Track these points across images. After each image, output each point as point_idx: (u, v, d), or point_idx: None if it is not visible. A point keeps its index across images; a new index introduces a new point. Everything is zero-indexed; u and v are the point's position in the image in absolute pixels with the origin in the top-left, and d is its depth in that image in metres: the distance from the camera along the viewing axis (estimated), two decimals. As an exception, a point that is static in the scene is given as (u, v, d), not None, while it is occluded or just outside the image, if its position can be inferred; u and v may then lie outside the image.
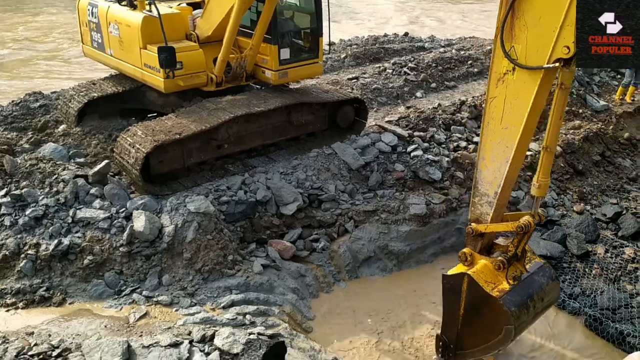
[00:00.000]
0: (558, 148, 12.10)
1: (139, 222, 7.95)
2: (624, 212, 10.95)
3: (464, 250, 6.44)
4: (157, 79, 9.29)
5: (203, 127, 8.85)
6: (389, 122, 11.66)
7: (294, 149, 10.58)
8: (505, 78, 5.58)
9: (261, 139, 10.15)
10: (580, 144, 12.59)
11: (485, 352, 6.38)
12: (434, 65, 15.07)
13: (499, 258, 6.16)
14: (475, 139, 11.93)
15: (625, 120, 14.20)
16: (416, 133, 11.43)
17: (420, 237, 9.88)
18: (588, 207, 11.33)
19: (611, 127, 13.70)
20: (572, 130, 12.98)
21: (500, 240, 6.57)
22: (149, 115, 10.64)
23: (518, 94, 5.53)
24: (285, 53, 10.05)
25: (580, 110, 13.95)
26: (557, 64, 5.10)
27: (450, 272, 6.46)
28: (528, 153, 11.78)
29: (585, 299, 8.60)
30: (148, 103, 10.69)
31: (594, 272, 9.25)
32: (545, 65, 5.15)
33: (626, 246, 9.88)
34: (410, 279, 9.35)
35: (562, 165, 12.04)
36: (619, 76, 16.47)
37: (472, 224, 6.39)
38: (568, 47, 4.93)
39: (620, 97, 15.05)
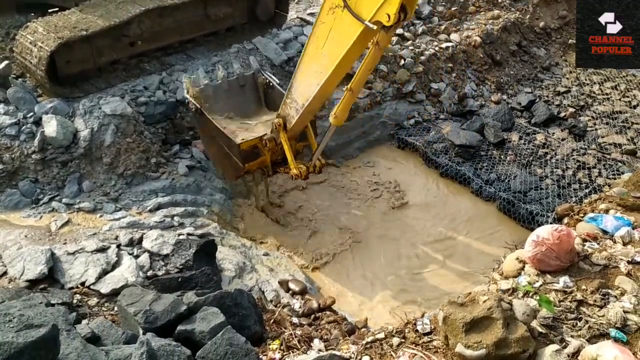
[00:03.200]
0: (477, 39, 12.27)
1: (50, 127, 7.48)
2: (537, 100, 11.45)
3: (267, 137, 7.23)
4: None
5: (112, 22, 8.19)
6: (312, 14, 11.26)
7: (213, 44, 10.07)
8: (336, 10, 5.56)
9: (177, 34, 9.56)
10: (498, 34, 12.79)
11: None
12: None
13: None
14: (398, 30, 11.82)
15: (542, 9, 14.47)
16: (339, 26, 11.14)
17: (346, 132, 9.95)
18: (505, 97, 11.75)
19: (528, 16, 13.94)
20: (492, 20, 13.11)
21: None
22: (49, 11, 9.67)
23: (341, 31, 5.59)
24: None
25: (499, 0, 14.03)
26: (375, 26, 5.17)
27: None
28: (449, 44, 11.90)
29: (500, 184, 9.12)
30: (47, -4, 9.70)
31: (508, 158, 9.77)
32: (366, 22, 5.22)
33: (538, 133, 10.43)
34: (337, 173, 9.53)
35: (481, 56, 12.26)
36: (537, -36, 16.53)
37: (277, 119, 7.03)
38: (389, 15, 4.99)
39: (538, -14, 15.20)
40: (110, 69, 8.82)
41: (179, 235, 6.84)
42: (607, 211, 5.94)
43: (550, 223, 7.44)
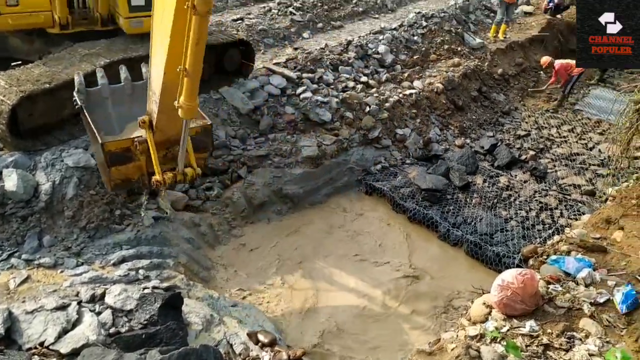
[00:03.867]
0: (439, 85, 12.65)
1: (11, 181, 7.33)
2: (499, 144, 11.78)
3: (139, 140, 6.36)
4: None
5: (75, 75, 8.15)
6: (277, 64, 11.49)
7: (180, 95, 10.11)
8: None
9: (143, 86, 9.57)
10: (459, 80, 13.22)
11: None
12: (319, 5, 14.93)
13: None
14: (363, 78, 12.13)
15: (499, 56, 15.08)
16: (305, 74, 11.39)
17: (313, 178, 10.03)
18: (468, 141, 12.05)
19: (486, 63, 14.49)
20: (452, 68, 13.57)
21: None
22: (12, 64, 9.61)
23: (165, 5, 5.13)
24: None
25: (459, 48, 14.57)
26: None
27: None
28: (412, 91, 12.25)
29: (467, 226, 9.24)
30: (9, 50, 9.63)
31: (474, 201, 9.93)
32: None
33: (501, 175, 10.68)
34: (305, 220, 9.53)
35: (443, 101, 12.62)
36: (492, 15, 17.34)
37: (144, 116, 6.22)
38: None
39: (494, 34, 15.90)
40: (74, 121, 8.71)
41: (144, 289, 6.68)
42: (568, 253, 6.06)
43: (517, 265, 7.55)
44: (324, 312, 7.55)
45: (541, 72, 15.35)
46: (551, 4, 17.56)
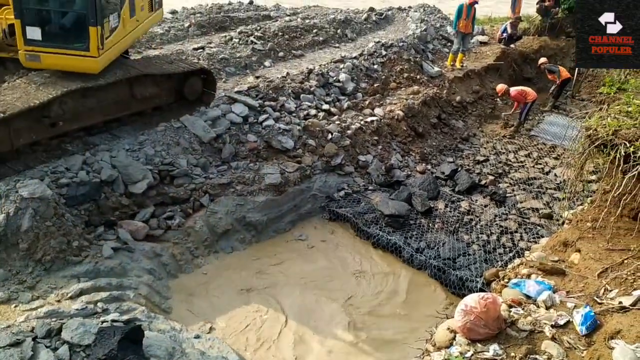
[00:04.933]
0: (400, 112, 12.88)
1: (-38, 213, 7.05)
2: (459, 169, 12.02)
3: None
4: None
5: (31, 104, 7.97)
6: (239, 92, 11.50)
7: (140, 123, 10.00)
8: None
9: (101, 114, 9.42)
10: (419, 108, 13.50)
11: None
12: (280, 34, 15.09)
13: None
14: (325, 106, 12.26)
15: (457, 84, 15.50)
16: (267, 103, 11.44)
17: (277, 206, 9.99)
18: (429, 167, 12.25)
19: (445, 91, 14.86)
20: (412, 95, 13.86)
21: None
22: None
23: None
24: (34, 32, 8.23)
25: (418, 76, 14.92)
26: None
27: None
28: (374, 118, 12.43)
29: (430, 251, 9.33)
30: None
31: (436, 226, 10.06)
32: None
33: (462, 200, 10.88)
34: (269, 248, 9.45)
35: (404, 128, 12.84)
36: (449, 44, 17.87)
37: None
38: None
39: (451, 63, 16.36)
40: (29, 151, 8.52)
41: (102, 322, 6.44)
42: (529, 276, 6.18)
43: (480, 288, 7.65)
44: (289, 343, 7.44)
45: (497, 99, 15.84)
46: (505, 34, 18.24)
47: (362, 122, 12.17)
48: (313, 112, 11.89)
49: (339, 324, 7.85)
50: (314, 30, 16.11)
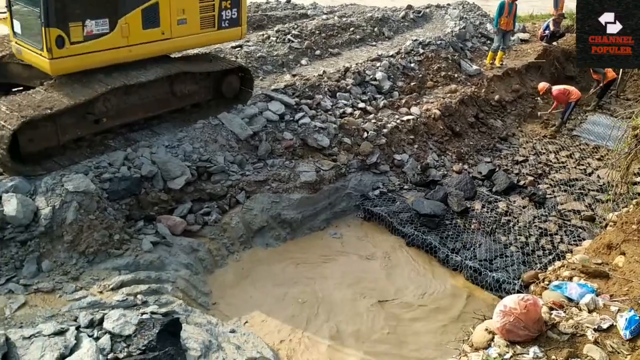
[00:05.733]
0: (437, 111, 12.76)
1: (10, 206, 7.29)
2: (497, 169, 11.83)
3: None
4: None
5: (77, 101, 8.20)
6: (276, 90, 11.59)
7: (179, 120, 10.18)
8: None
9: (143, 111, 9.63)
10: (456, 106, 13.34)
11: None
12: (317, 32, 15.12)
13: None
14: (361, 104, 12.24)
15: (495, 83, 15.25)
16: (303, 101, 11.48)
17: (312, 204, 10.02)
18: (466, 167, 12.10)
19: (483, 90, 14.64)
20: (449, 94, 13.70)
21: None
22: (14, 90, 9.69)
23: None
24: (17, 26, 8.51)
25: (456, 75, 14.74)
26: None
27: None
28: (410, 117, 12.35)
29: (466, 252, 9.22)
30: (11, 76, 9.71)
31: (472, 226, 9.93)
32: None
33: (499, 201, 10.70)
34: (304, 245, 9.50)
35: (441, 127, 12.71)
36: (488, 42, 17.59)
37: None
38: None
39: (491, 61, 16.10)
40: (74, 146, 8.76)
41: (142, 314, 6.60)
42: (570, 278, 6.04)
43: (517, 291, 7.52)
44: (324, 340, 7.46)
45: (538, 98, 15.51)
46: (547, 32, 17.83)
47: (398, 121, 12.10)
48: (349, 110, 11.88)
49: (373, 322, 7.83)
50: (351, 29, 16.09)
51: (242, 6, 10.45)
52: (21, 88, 9.46)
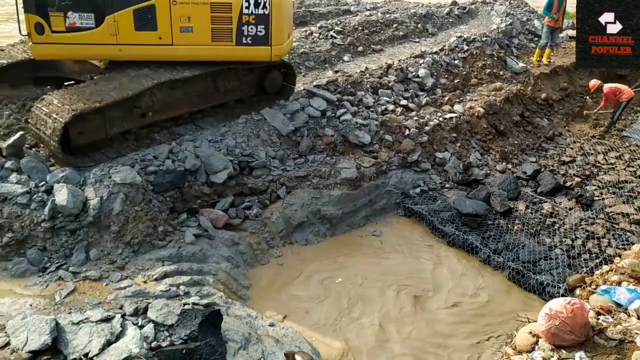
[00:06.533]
0: (480, 109, 12.54)
1: (61, 195, 7.56)
2: (542, 169, 11.55)
3: None
4: None
5: (125, 95, 8.43)
6: (318, 86, 11.61)
7: (222, 115, 10.32)
8: None
9: (187, 106, 9.81)
10: (501, 105, 13.08)
11: None
12: (360, 28, 15.07)
13: None
14: (403, 101, 12.15)
15: (543, 81, 14.88)
16: (345, 97, 11.47)
17: (352, 200, 10.01)
18: (510, 166, 11.86)
19: (530, 88, 14.31)
20: (494, 92, 13.45)
21: None
22: (65, 84, 10.02)
23: None
24: None
25: (501, 72, 14.46)
26: None
27: None
28: (453, 115, 12.18)
29: (508, 253, 9.04)
30: (64, 70, 10.04)
31: (516, 227, 9.73)
32: None
33: (544, 202, 10.45)
34: (343, 242, 9.50)
35: (485, 126, 12.49)
36: (536, 39, 17.17)
37: None
38: None
39: (538, 59, 15.72)
40: (122, 139, 9.01)
41: (184, 305, 6.73)
42: (619, 283, 5.86)
43: (562, 294, 7.34)
44: (363, 337, 7.46)
45: (587, 96, 15.05)
46: (596, 29, 17.26)
47: (440, 119, 11.95)
48: (391, 107, 11.80)
49: (416, 321, 7.77)
50: (394, 25, 15.97)
51: (273, 25, 9.38)
52: (72, 82, 9.78)
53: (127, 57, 9.04)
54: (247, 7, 9.13)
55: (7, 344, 5.81)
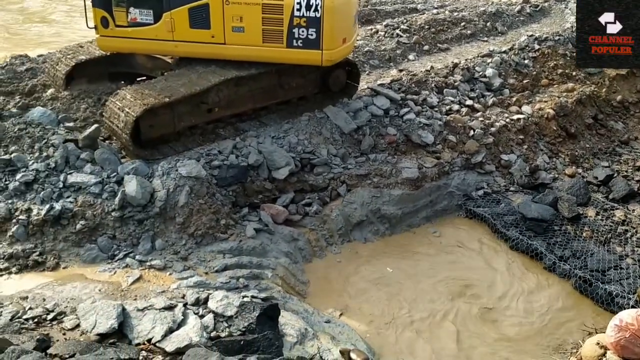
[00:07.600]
0: (550, 111, 12.09)
1: (131, 186, 7.90)
2: (615, 175, 11.02)
3: None
4: None
5: (193, 90, 8.71)
6: (382, 85, 11.54)
7: (285, 112, 10.44)
8: None
9: (252, 102, 10.00)
10: (573, 106, 12.56)
11: None
12: (426, 27, 14.85)
13: None
14: (468, 101, 11.89)
15: (618, 82, 14.14)
16: (409, 96, 11.35)
17: (412, 200, 9.91)
18: (580, 170, 11.39)
19: (604, 89, 13.66)
20: (565, 93, 12.93)
21: None
22: (138, 79, 10.45)
23: None
24: None
25: (574, 73, 13.86)
26: None
27: None
28: (520, 116, 11.82)
29: (576, 261, 8.69)
30: (137, 66, 10.47)
31: (584, 234, 9.34)
32: None
33: (617, 209, 9.97)
34: (402, 242, 9.41)
35: (554, 128, 12.04)
36: (612, 38, 16.34)
37: None
38: None
39: (614, 59, 14.95)
40: (189, 134, 9.30)
41: (243, 297, 6.89)
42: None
43: (632, 306, 6.99)
44: (419, 337, 7.38)
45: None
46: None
47: (507, 120, 11.62)
48: (456, 107, 11.58)
49: (470, 324, 7.62)
50: (462, 24, 15.64)
51: (325, 29, 9.12)
52: (144, 78, 10.18)
53: (182, 53, 9.47)
54: (299, 10, 9.00)
55: (77, 325, 6.16)
